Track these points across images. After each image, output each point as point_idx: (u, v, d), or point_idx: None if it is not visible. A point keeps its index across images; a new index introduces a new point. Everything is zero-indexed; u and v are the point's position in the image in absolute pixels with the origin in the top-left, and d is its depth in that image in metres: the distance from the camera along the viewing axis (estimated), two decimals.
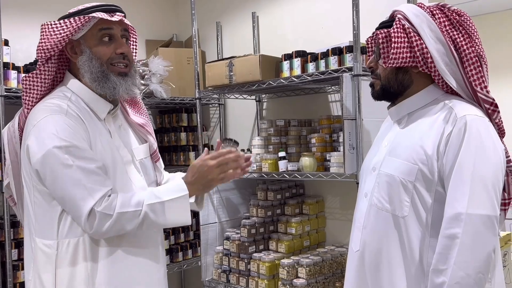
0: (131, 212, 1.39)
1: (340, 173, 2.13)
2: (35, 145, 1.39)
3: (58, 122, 1.40)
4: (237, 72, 2.50)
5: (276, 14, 2.95)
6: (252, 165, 2.51)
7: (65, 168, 1.36)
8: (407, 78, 1.41)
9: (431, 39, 1.35)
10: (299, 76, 2.31)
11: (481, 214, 1.23)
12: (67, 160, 1.36)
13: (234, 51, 2.98)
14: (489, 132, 1.29)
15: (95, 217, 1.36)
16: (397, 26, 1.37)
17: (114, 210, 1.37)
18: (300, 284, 2.25)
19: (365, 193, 1.48)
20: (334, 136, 2.35)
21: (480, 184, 1.25)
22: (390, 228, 1.37)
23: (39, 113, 1.43)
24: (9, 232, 2.40)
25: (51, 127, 1.38)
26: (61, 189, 1.38)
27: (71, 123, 1.42)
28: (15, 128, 1.53)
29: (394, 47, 1.36)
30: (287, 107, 2.91)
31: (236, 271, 2.55)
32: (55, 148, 1.36)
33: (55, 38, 1.44)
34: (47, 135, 1.38)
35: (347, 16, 2.19)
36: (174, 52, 3.07)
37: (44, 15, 3.01)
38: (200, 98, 2.83)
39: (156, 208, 1.41)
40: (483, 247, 1.23)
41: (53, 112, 1.42)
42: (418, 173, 1.32)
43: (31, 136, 1.40)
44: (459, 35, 1.34)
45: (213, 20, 3.26)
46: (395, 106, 1.47)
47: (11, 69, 2.45)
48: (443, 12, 1.38)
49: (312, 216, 2.60)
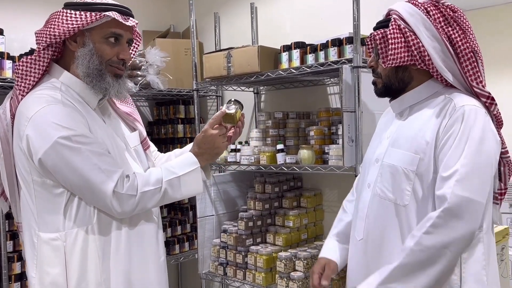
0: (152, 190, 1.46)
1: (339, 166, 2.11)
2: (38, 138, 1.36)
3: (58, 112, 1.38)
4: (235, 63, 2.47)
5: (275, 5, 2.92)
6: (250, 157, 2.50)
7: (76, 155, 1.36)
8: (407, 75, 1.45)
9: (427, 37, 1.37)
10: (298, 67, 2.29)
11: (467, 197, 1.25)
12: (76, 148, 1.36)
13: (232, 42, 2.95)
14: (485, 122, 1.33)
15: (119, 199, 1.39)
16: (393, 27, 1.40)
17: (137, 190, 1.43)
18: (298, 277, 2.24)
19: (368, 183, 1.51)
20: (333, 129, 2.34)
21: (472, 169, 1.27)
22: (392, 217, 1.40)
23: (34, 104, 1.40)
24: (3, 223, 2.38)
25: (51, 118, 1.37)
26: (78, 177, 1.37)
27: (70, 112, 1.40)
28: (6, 115, 1.49)
29: (392, 47, 1.39)
30: (286, 99, 2.89)
31: (233, 264, 2.54)
32: (61, 138, 1.35)
33: (65, 27, 1.42)
34: (49, 126, 1.36)
35: (347, 7, 2.16)
36: (172, 43, 3.04)
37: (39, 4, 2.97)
38: (198, 89, 2.80)
39: (173, 183, 1.50)
40: (459, 228, 1.25)
41: (49, 102, 1.39)
42: (419, 162, 1.36)
43: (30, 129, 1.37)
44: (454, 31, 1.37)
45: (211, 10, 3.23)
46: (397, 99, 1.50)
47: (6, 59, 2.42)
48: (438, 8, 1.39)
49: (310, 209, 2.59)
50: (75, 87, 1.49)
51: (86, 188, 1.39)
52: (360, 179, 1.64)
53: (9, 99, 1.51)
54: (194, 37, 2.83)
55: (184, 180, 1.51)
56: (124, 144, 1.58)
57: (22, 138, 1.40)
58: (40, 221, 1.45)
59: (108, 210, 1.42)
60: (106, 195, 1.38)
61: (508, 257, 2.30)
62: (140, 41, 1.66)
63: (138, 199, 1.43)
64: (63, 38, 1.45)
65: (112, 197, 1.39)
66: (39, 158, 1.37)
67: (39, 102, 1.40)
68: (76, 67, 1.48)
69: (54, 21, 1.45)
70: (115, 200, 1.40)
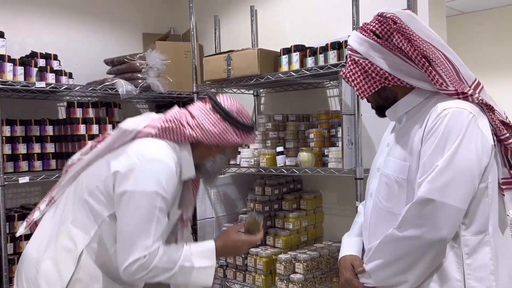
0: (164, 268, 1.48)
1: (339, 168, 2.12)
2: (139, 177, 1.45)
3: (169, 175, 1.49)
4: (235, 66, 2.48)
5: (274, 8, 2.93)
6: (250, 159, 2.50)
7: (148, 212, 1.45)
8: (389, 93, 1.46)
9: (380, 59, 1.39)
10: (298, 70, 2.30)
11: (434, 200, 1.25)
12: (155, 208, 1.45)
13: (232, 45, 2.95)
14: (469, 124, 1.28)
15: (134, 266, 1.43)
16: (349, 64, 1.44)
17: (150, 264, 1.45)
18: (297, 279, 2.25)
19: (371, 193, 1.53)
20: (333, 131, 2.34)
21: (447, 173, 1.26)
22: (389, 226, 1.38)
23: (158, 150, 1.52)
24: (4, 226, 2.38)
25: (162, 175, 1.47)
26: (127, 225, 1.45)
27: (175, 182, 1.52)
28: (134, 133, 1.56)
29: (355, 83, 1.43)
30: (285, 101, 2.90)
31: (233, 266, 2.55)
32: (155, 194, 1.45)
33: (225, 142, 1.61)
34: (156, 179, 1.46)
35: (347, 10, 2.17)
36: (172, 46, 3.05)
37: (40, 8, 2.98)
38: (198, 92, 2.81)
39: (185, 271, 1.53)
40: (433, 232, 1.27)
41: (167, 158, 1.50)
42: (409, 169, 1.36)
43: (138, 165, 1.46)
44: (401, 42, 1.36)
45: (211, 13, 3.24)
46: (391, 108, 1.49)
47: (6, 62, 2.42)
48: (381, 24, 1.39)
49: (310, 211, 2.59)
50: (183, 163, 1.59)
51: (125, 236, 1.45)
52: (366, 188, 1.64)
53: (148, 121, 1.61)
54: (194, 40, 2.84)
55: (197, 272, 1.55)
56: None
57: (123, 165, 1.48)
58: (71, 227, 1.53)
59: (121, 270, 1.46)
60: (128, 257, 1.43)
61: None
62: None
63: (149, 271, 1.46)
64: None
65: (132, 261, 1.43)
66: (122, 191, 1.46)
67: (162, 153, 1.51)
68: (206, 161, 1.66)
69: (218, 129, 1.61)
70: (133, 265, 1.44)
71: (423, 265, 1.31)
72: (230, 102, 1.63)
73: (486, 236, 1.32)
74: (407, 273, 1.33)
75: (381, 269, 1.38)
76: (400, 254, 1.33)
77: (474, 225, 1.32)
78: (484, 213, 1.32)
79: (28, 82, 2.48)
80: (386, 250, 1.35)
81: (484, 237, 1.32)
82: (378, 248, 1.38)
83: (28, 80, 2.50)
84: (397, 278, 1.35)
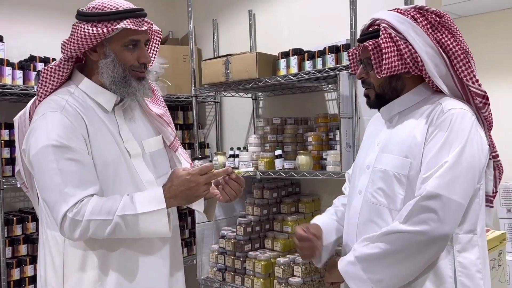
0: (100, 221, 1.36)
1: (337, 171, 2.13)
2: (29, 143, 1.42)
3: (53, 120, 1.41)
4: (234, 69, 2.49)
5: (273, 12, 2.94)
6: (249, 163, 2.51)
7: (48, 170, 1.38)
8: (400, 84, 1.46)
9: (419, 43, 1.38)
10: (296, 74, 2.31)
11: (442, 195, 1.27)
12: (51, 161, 1.38)
13: (231, 49, 2.97)
14: (473, 125, 1.34)
15: (66, 223, 1.37)
16: (385, 36, 1.40)
17: (83, 217, 1.36)
18: (296, 282, 2.25)
19: (359, 190, 1.51)
20: (331, 135, 2.35)
21: (454, 170, 1.28)
22: (384, 222, 1.40)
23: (40, 108, 1.47)
24: (2, 229, 2.38)
25: (44, 126, 1.41)
26: (41, 191, 1.42)
27: (66, 121, 1.43)
28: (26, 117, 1.56)
29: (386, 57, 1.39)
30: (284, 105, 2.91)
31: (231, 269, 2.55)
32: (43, 148, 1.38)
33: (84, 41, 1.46)
34: (40, 134, 1.41)
35: (345, 15, 2.18)
36: (170, 50, 3.06)
37: (38, 11, 2.99)
38: (196, 95, 2.82)
39: (128, 220, 1.37)
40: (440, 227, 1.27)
41: (50, 109, 1.44)
42: (410, 166, 1.37)
43: (28, 134, 1.44)
44: (443, 36, 1.38)
45: (209, 17, 3.25)
46: (386, 106, 1.50)
47: (5, 66, 2.43)
48: (423, 15, 1.41)
49: (308, 214, 2.59)
50: (90, 91, 1.53)
51: (46, 203, 1.42)
52: (350, 186, 1.63)
53: (30, 103, 1.57)
54: (192, 44, 2.84)
55: (143, 219, 1.38)
56: (140, 149, 1.58)
57: (23, 143, 1.48)
58: (48, 218, 1.51)
59: (60, 231, 1.41)
60: (57, 217, 1.38)
61: (506, 262, 2.31)
62: (160, 35, 1.68)
63: (83, 226, 1.36)
64: (82, 51, 1.49)
65: (61, 220, 1.37)
66: (27, 162, 1.45)
67: (44, 107, 1.46)
68: (101, 77, 1.51)
69: (74, 34, 1.49)
70: (63, 223, 1.37)
71: (422, 260, 1.32)
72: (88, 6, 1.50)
73: (474, 235, 1.36)
74: (403, 266, 1.33)
75: (374, 259, 1.35)
76: (401, 247, 1.31)
77: (466, 224, 1.34)
78: (475, 213, 1.36)
79: (27, 86, 2.49)
80: (386, 242, 1.33)
81: (473, 237, 1.35)
82: (376, 239, 1.36)
83: (27, 84, 2.51)
84: (389, 270, 1.34)
